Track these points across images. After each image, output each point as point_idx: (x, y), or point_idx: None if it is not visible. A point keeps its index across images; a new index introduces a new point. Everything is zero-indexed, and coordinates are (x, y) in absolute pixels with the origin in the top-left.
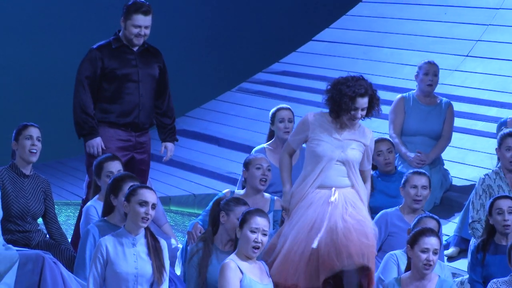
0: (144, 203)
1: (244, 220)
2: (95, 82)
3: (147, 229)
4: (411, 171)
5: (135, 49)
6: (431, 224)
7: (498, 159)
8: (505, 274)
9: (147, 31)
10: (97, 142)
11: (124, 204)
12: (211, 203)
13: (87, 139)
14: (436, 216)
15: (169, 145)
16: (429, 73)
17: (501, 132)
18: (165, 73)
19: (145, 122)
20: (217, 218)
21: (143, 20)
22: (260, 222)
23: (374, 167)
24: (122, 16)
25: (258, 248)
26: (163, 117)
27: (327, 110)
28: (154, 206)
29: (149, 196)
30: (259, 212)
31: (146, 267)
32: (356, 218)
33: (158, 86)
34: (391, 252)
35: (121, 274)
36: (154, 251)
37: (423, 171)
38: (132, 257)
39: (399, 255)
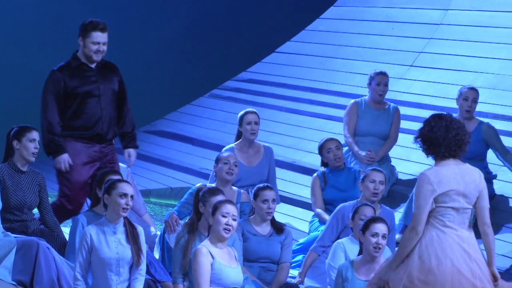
0: (124, 195)
1: (215, 208)
2: (60, 102)
3: (125, 218)
4: (370, 168)
5: (93, 65)
6: (368, 210)
7: None
8: None
9: (105, 47)
10: (64, 159)
11: (105, 197)
12: (186, 195)
13: (55, 157)
14: (371, 204)
15: (131, 151)
16: (381, 83)
17: None
18: (124, 85)
19: (108, 133)
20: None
21: (101, 37)
22: (230, 208)
23: (325, 164)
24: (80, 35)
25: (229, 230)
26: (124, 126)
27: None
28: (132, 197)
29: (128, 188)
30: (229, 201)
31: (126, 251)
32: None
33: (118, 98)
34: (338, 241)
35: (105, 259)
36: (132, 237)
37: (381, 169)
38: (114, 244)
39: (345, 243)
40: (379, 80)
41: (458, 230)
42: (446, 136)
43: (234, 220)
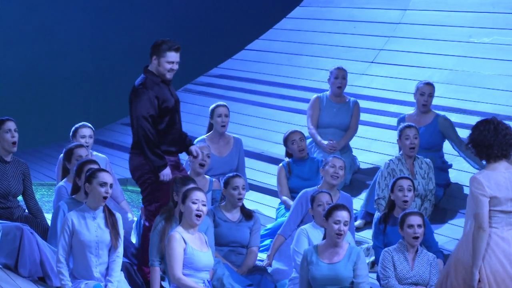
0: (104, 184)
1: (185, 196)
2: (155, 118)
3: (104, 205)
4: (331, 156)
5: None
6: (324, 196)
7: (400, 148)
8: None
9: (177, 66)
10: (168, 172)
11: (86, 185)
12: None
13: (161, 170)
14: (327, 191)
15: (193, 147)
16: (339, 77)
17: (400, 126)
18: None
19: (183, 144)
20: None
21: (175, 57)
22: (199, 195)
23: (289, 155)
24: (154, 54)
25: (200, 215)
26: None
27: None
28: (111, 186)
29: (107, 177)
30: (197, 188)
31: (105, 235)
32: None
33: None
34: (301, 227)
35: (85, 241)
36: (111, 222)
37: (342, 158)
38: (93, 227)
39: (308, 229)
40: (337, 74)
41: (504, 232)
42: (496, 137)
43: (204, 205)
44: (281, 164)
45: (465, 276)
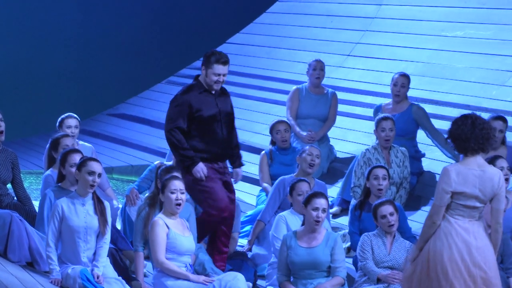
0: (92, 173)
1: (164, 186)
2: (182, 124)
3: (93, 193)
4: (308, 146)
5: (213, 92)
6: (305, 186)
7: (376, 138)
8: (375, 227)
9: (225, 78)
10: (201, 167)
11: (76, 173)
12: (145, 172)
13: (191, 168)
14: (306, 179)
15: (239, 171)
16: (317, 68)
17: (377, 117)
18: (233, 108)
19: (227, 155)
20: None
21: (223, 69)
22: (177, 184)
23: (274, 143)
24: (203, 64)
25: (180, 204)
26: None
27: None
28: (100, 175)
29: (96, 167)
30: (174, 176)
31: (93, 221)
32: None
33: (233, 120)
34: (280, 214)
35: (73, 227)
36: (100, 209)
37: (320, 147)
38: (82, 214)
39: (287, 215)
40: (315, 66)
41: (466, 223)
42: (473, 131)
43: (183, 193)
44: (263, 152)
45: (438, 268)
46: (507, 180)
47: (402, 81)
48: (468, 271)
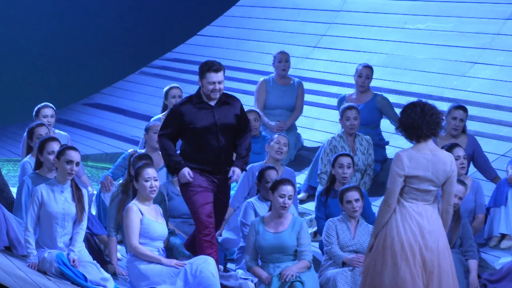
0: (70, 162)
1: (137, 174)
2: (173, 134)
3: (72, 180)
4: (276, 134)
5: (212, 103)
6: (273, 173)
7: (342, 126)
8: (340, 212)
9: (221, 86)
10: (186, 172)
11: (55, 161)
12: (119, 159)
13: (176, 173)
14: (274, 166)
15: (236, 169)
16: (282, 60)
17: (342, 106)
18: (244, 115)
19: (226, 165)
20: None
21: (216, 77)
22: (150, 172)
23: None
24: (199, 75)
25: (154, 191)
26: (241, 148)
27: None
28: (78, 164)
29: (74, 156)
30: (147, 164)
31: (71, 208)
32: None
33: (237, 129)
34: (248, 200)
35: (52, 213)
36: (77, 197)
37: (288, 136)
38: (61, 200)
39: (255, 202)
40: (280, 58)
41: (419, 206)
42: (424, 118)
43: (156, 180)
44: None
45: (392, 250)
46: (463, 168)
47: (367, 73)
48: (421, 253)
